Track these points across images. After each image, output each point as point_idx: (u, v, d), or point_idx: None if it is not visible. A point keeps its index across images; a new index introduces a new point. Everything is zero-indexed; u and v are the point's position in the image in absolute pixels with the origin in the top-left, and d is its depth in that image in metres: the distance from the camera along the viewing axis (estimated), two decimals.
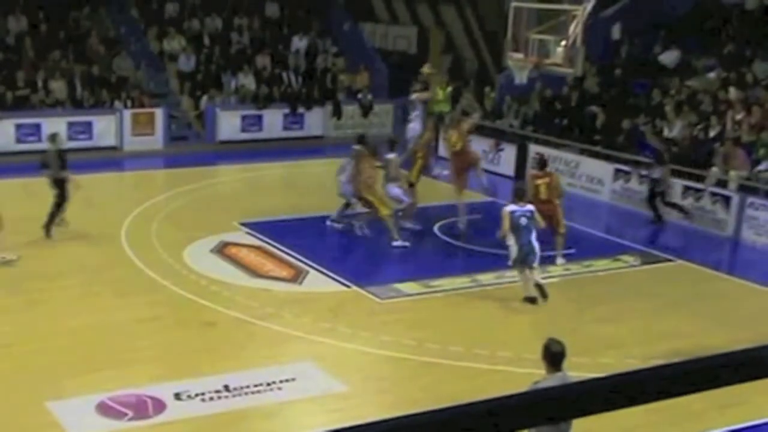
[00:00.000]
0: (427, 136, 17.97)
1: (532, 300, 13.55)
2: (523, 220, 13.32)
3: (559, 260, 15.49)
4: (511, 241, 13.45)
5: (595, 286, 14.71)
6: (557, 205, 15.54)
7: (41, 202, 19.28)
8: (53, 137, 16.72)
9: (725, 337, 12.07)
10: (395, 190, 16.84)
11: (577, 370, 8.73)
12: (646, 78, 22.69)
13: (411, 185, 17.25)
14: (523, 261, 13.43)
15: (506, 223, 13.36)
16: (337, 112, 26.74)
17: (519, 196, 13.75)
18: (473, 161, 17.52)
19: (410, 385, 10.85)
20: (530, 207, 13.63)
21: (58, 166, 16.20)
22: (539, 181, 15.58)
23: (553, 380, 7.09)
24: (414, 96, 18.62)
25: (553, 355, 7.32)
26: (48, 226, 15.94)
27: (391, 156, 17.00)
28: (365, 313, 13.08)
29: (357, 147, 16.94)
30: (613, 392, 1.90)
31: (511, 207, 13.53)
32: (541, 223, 13.89)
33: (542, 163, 16.23)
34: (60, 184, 16.15)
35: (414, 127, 18.11)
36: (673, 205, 18.60)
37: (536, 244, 13.40)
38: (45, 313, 12.54)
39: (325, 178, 21.88)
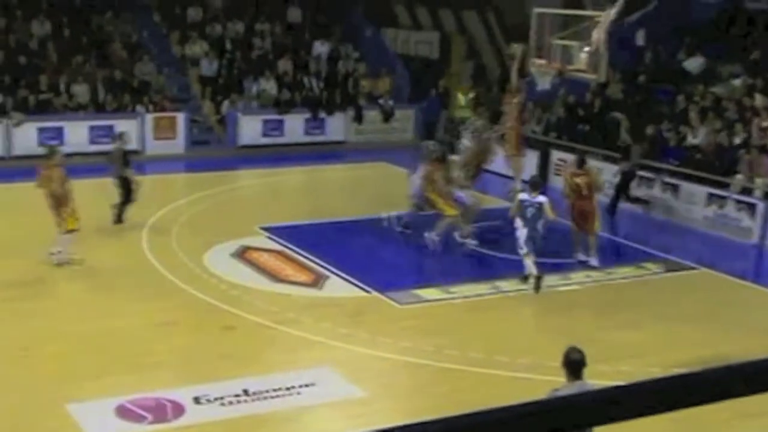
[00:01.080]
0: (481, 148, 17.86)
1: (539, 279, 14.09)
2: (530, 210, 14.18)
3: (593, 262, 15.51)
4: (519, 224, 14.29)
5: (617, 293, 14.56)
6: (596, 201, 15.76)
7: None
8: (120, 135, 17.74)
9: (749, 345, 11.91)
10: (459, 193, 16.84)
11: (598, 377, 8.64)
12: (670, 84, 22.52)
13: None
14: (531, 244, 14.21)
15: (514, 208, 14.58)
16: (359, 118, 26.72)
17: (533, 188, 14.55)
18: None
19: (430, 391, 10.77)
20: (541, 199, 14.28)
21: (121, 164, 16.97)
22: (578, 179, 15.68)
23: (573, 388, 7.11)
24: (478, 123, 18.12)
25: (573, 363, 7.31)
26: (119, 216, 16.94)
27: (452, 157, 17.10)
28: (385, 318, 13.02)
29: (430, 145, 17.16)
30: (632, 400, 1.86)
31: (523, 195, 14.54)
32: (551, 214, 14.35)
33: (581, 160, 16.21)
34: (123, 183, 16.94)
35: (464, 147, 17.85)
36: (636, 200, 19.18)
37: (540, 233, 14.28)
38: (65, 317, 12.57)
39: (346, 183, 21.91)
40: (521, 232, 14.25)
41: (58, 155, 15.01)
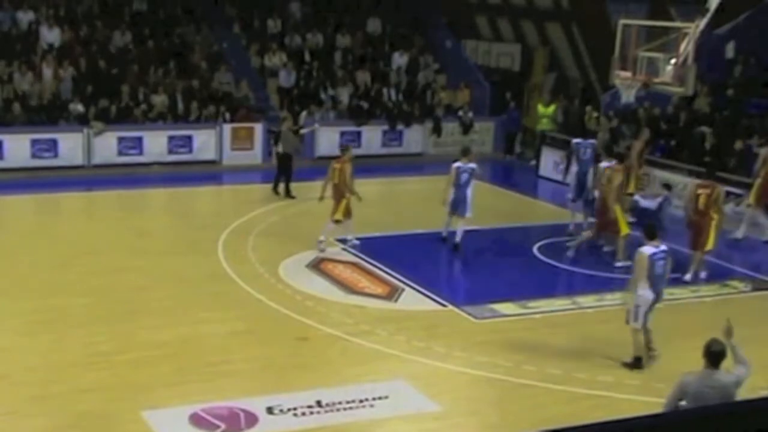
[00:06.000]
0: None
1: (453, 244, 16.47)
2: (464, 176, 16.49)
3: (688, 276, 15.27)
4: (450, 191, 16.59)
5: (702, 312, 14.10)
6: (713, 219, 15.29)
7: (138, 214, 19.61)
8: (284, 121, 21.92)
9: None
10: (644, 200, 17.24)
11: None
12: (762, 98, 21.85)
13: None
14: (455, 207, 16.52)
15: (450, 178, 16.63)
16: (437, 130, 26.53)
17: (464, 154, 16.95)
18: None
19: (505, 407, 10.59)
20: (472, 165, 16.59)
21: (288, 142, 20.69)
22: (700, 191, 15.29)
23: (702, 375, 7.77)
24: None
25: (712, 355, 7.79)
26: (275, 189, 20.76)
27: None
28: (460, 332, 12.82)
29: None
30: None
31: (457, 164, 16.65)
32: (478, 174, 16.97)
33: (708, 172, 15.86)
34: (282, 158, 20.62)
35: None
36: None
37: (469, 198, 16.46)
38: (142, 324, 12.61)
39: (423, 196, 21.70)
40: (449, 196, 16.58)
41: (349, 152, 16.92)
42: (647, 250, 11.49)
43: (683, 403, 7.83)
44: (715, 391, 7.66)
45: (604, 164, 16.82)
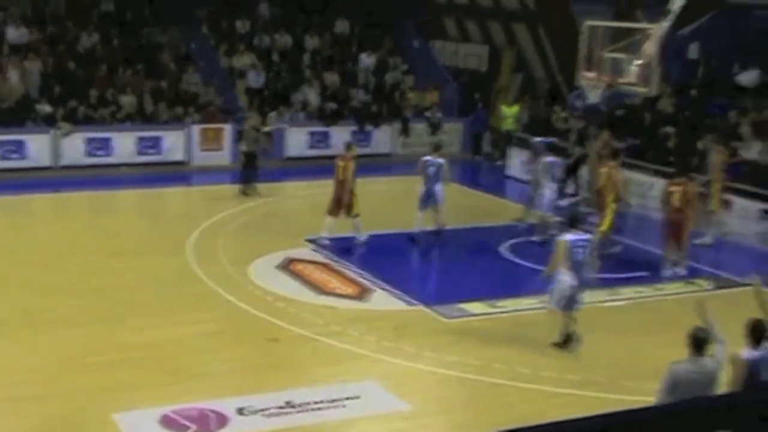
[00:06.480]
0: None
1: (413, 239, 17.09)
2: (431, 170, 16.94)
3: (681, 271, 15.74)
4: (421, 184, 17.02)
5: (667, 310, 14.27)
6: (689, 217, 15.63)
7: (108, 216, 19.51)
8: (248, 119, 22.48)
9: None
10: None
11: (646, 395, 8.50)
12: (724, 98, 22.13)
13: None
14: (425, 201, 17.03)
15: (419, 169, 17.10)
16: (406, 130, 26.64)
17: (434, 149, 17.41)
18: None
19: (476, 406, 10.67)
20: (440, 160, 16.98)
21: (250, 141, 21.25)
22: (673, 188, 15.65)
23: (689, 363, 7.88)
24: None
25: (695, 341, 7.93)
26: (244, 190, 20.87)
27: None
28: (430, 332, 12.91)
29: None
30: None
31: (426, 157, 17.19)
32: (448, 175, 17.16)
33: (678, 171, 16.24)
34: (248, 157, 21.02)
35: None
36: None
37: (438, 192, 16.87)
38: (112, 327, 12.58)
39: (392, 196, 21.80)
40: (421, 190, 16.96)
41: (354, 150, 17.37)
42: (567, 236, 12.11)
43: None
44: (702, 377, 7.81)
45: (550, 159, 17.75)
